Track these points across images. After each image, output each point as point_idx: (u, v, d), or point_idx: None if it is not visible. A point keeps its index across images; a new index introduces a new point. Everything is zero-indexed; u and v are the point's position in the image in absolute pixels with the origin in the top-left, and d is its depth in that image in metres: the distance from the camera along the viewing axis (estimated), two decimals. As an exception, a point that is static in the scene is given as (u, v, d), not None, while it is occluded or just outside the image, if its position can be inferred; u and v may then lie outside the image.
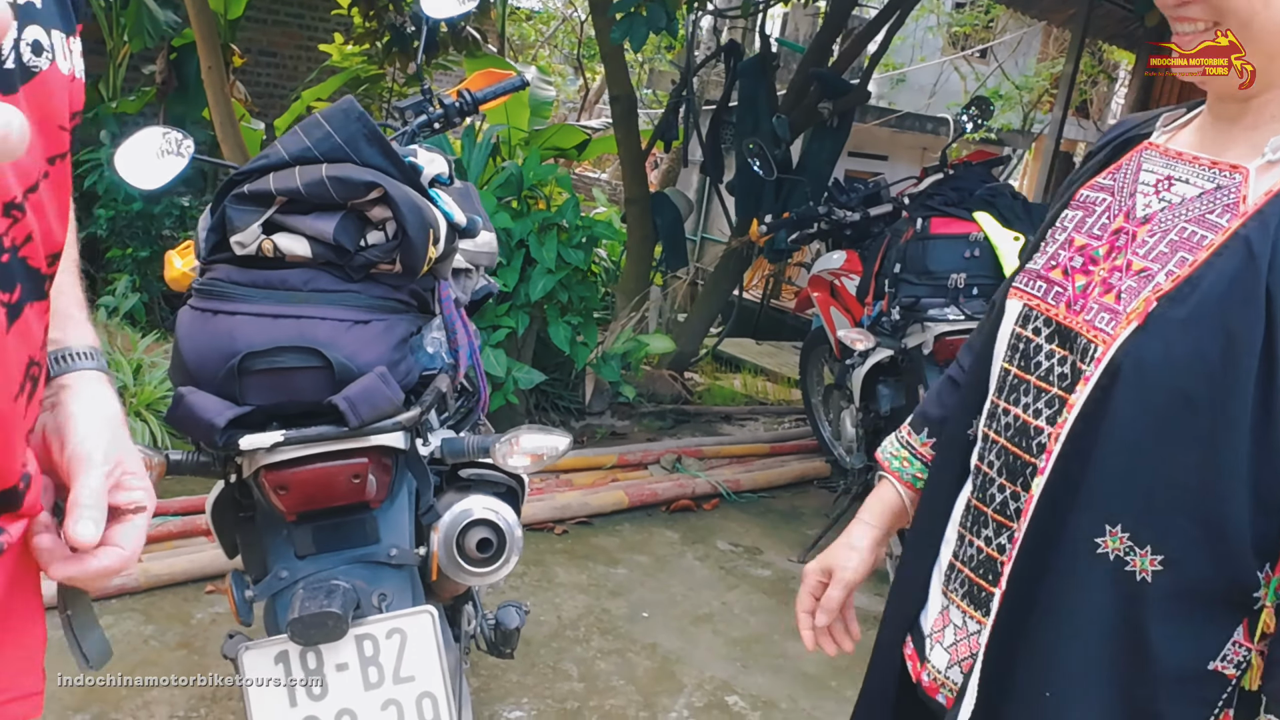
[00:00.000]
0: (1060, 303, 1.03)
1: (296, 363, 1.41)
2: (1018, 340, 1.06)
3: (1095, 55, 14.23)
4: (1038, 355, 1.04)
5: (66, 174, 0.88)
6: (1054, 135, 9.30)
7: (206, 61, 5.47)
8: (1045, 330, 1.03)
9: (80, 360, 0.93)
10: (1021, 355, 1.05)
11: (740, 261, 5.99)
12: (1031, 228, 2.99)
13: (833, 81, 5.55)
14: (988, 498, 1.08)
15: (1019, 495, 1.03)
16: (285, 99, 8.34)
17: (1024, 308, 1.07)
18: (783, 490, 4.51)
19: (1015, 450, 1.04)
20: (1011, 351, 1.07)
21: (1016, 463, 1.04)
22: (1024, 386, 1.04)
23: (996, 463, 1.07)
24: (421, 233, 1.44)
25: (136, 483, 0.87)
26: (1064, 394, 1.00)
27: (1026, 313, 1.06)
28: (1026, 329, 1.06)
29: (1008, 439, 1.05)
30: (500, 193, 4.42)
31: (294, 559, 1.53)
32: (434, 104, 2.29)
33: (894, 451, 1.36)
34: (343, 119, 1.47)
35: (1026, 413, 1.04)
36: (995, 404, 1.09)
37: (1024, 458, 1.03)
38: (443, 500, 1.65)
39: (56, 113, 0.83)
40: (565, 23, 14.39)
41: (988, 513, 1.08)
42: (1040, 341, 1.04)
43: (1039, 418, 1.02)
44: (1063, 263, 1.06)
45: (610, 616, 3.23)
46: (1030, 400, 1.04)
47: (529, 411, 4.72)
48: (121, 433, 0.91)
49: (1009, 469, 1.05)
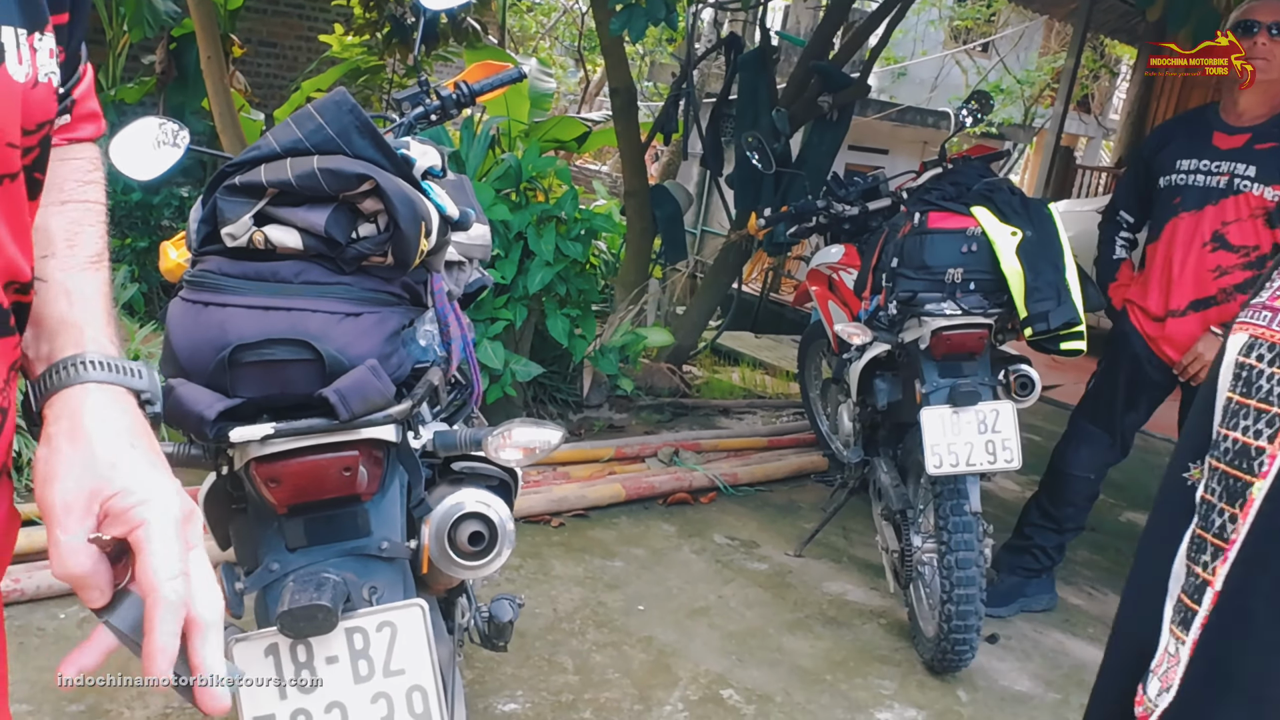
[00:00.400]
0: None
1: (287, 355, 1.40)
2: (1240, 369, 1.09)
3: (1097, 50, 14.20)
4: (1259, 380, 1.06)
5: (18, 195, 0.78)
6: (1055, 130, 9.32)
7: (206, 51, 5.46)
8: (1269, 355, 1.06)
9: (62, 376, 0.83)
10: (1244, 382, 1.08)
11: (739, 255, 5.98)
12: (1029, 223, 2.98)
13: (833, 75, 5.54)
14: (1208, 524, 1.10)
15: (1236, 517, 1.05)
16: (285, 89, 8.35)
17: (1249, 338, 1.09)
18: (780, 484, 4.51)
19: (1235, 473, 1.06)
20: (1235, 380, 1.09)
21: (1236, 484, 1.06)
22: (1244, 411, 1.07)
23: (1218, 489, 1.09)
24: (413, 225, 1.44)
25: (126, 508, 0.75)
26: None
27: (1251, 342, 1.08)
28: (1250, 357, 1.08)
29: (1227, 464, 1.08)
30: (499, 184, 4.41)
31: (285, 551, 1.52)
32: (431, 96, 2.29)
33: None
34: (335, 111, 1.47)
35: (1246, 435, 1.06)
36: (1219, 433, 1.11)
37: (1243, 478, 1.05)
38: (435, 493, 1.65)
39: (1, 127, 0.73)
40: (566, 14, 14.37)
41: (1207, 538, 1.10)
42: (1263, 367, 1.06)
43: (1259, 438, 1.04)
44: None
45: (606, 609, 3.24)
46: (1250, 423, 1.06)
47: (526, 404, 4.72)
48: (100, 453, 0.79)
49: (1229, 492, 1.07)
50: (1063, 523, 3.50)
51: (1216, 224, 3.11)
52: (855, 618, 3.39)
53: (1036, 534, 3.55)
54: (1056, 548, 3.55)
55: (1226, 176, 3.09)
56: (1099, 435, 3.42)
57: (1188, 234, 3.17)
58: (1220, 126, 3.15)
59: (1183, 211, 3.18)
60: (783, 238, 4.34)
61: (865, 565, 3.76)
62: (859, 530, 4.00)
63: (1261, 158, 3.04)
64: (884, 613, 3.43)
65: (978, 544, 2.89)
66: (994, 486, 4.70)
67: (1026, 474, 4.75)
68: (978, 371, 2.99)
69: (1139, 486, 4.96)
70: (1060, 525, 3.51)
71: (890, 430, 3.36)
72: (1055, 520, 3.51)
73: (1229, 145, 3.11)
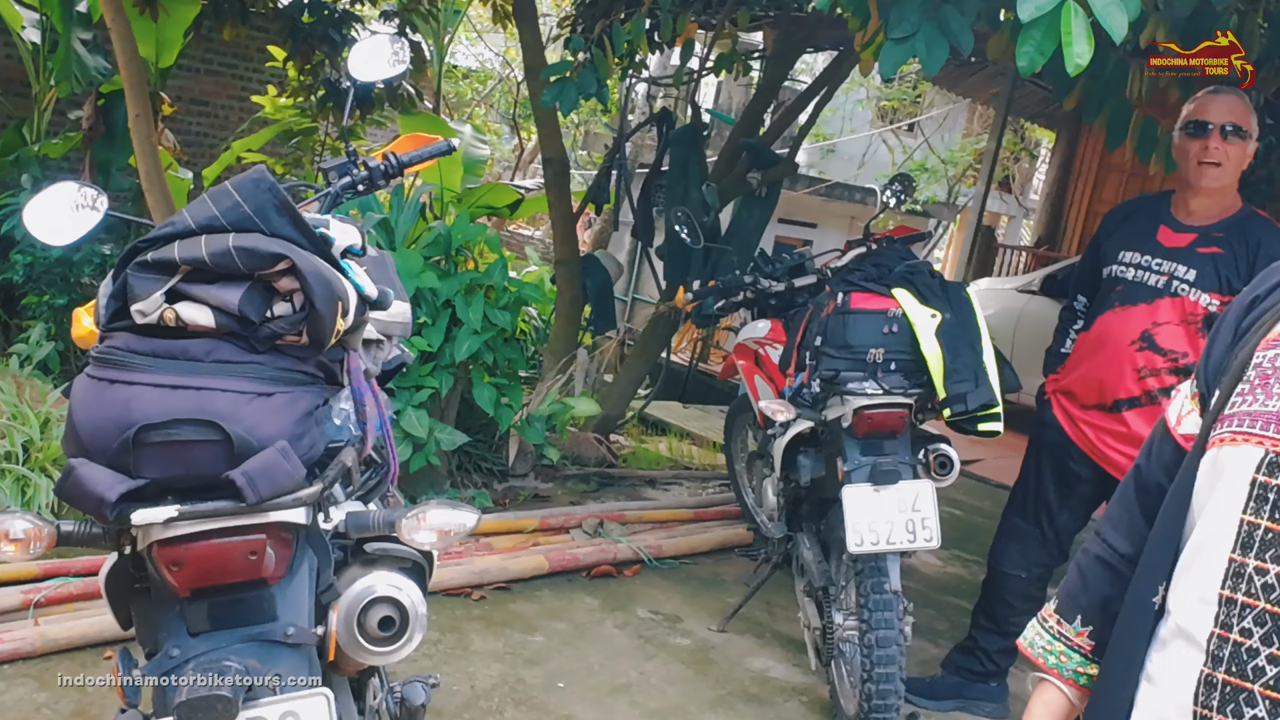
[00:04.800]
0: None
1: (194, 435, 1.37)
2: (1265, 490, 0.98)
3: (1018, 133, 14.69)
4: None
5: None
6: (977, 209, 9.57)
7: (134, 109, 5.40)
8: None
9: None
10: (1274, 506, 0.97)
11: (668, 325, 6.02)
12: (948, 305, 3.04)
13: (762, 152, 5.65)
14: (1250, 671, 0.96)
15: None
16: (216, 149, 8.28)
17: (1267, 454, 0.98)
18: (705, 557, 4.50)
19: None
20: (1258, 503, 0.98)
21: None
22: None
23: (1258, 630, 0.96)
24: (329, 305, 1.42)
25: None
26: None
27: (1275, 460, 0.98)
28: (1275, 478, 0.97)
29: (1272, 602, 0.95)
30: (428, 252, 4.40)
31: (186, 636, 1.48)
32: (359, 166, 2.28)
33: (1046, 645, 1.26)
34: (252, 188, 1.45)
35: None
36: (1240, 563, 0.98)
37: None
38: (346, 575, 1.61)
39: None
40: (502, 82, 14.49)
41: (1253, 689, 0.96)
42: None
43: None
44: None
45: (526, 686, 3.18)
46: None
47: (451, 473, 4.67)
48: None
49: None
50: (1002, 624, 3.36)
51: (1147, 323, 3.02)
52: (777, 695, 3.38)
53: (981, 636, 3.42)
54: (1001, 652, 3.38)
55: (1166, 277, 3.00)
56: (1027, 531, 3.32)
57: (1119, 329, 3.08)
58: (1169, 222, 3.05)
59: (1118, 305, 3.09)
60: (710, 311, 4.38)
61: (788, 641, 3.74)
62: (783, 605, 4.00)
63: (1202, 262, 2.94)
64: (806, 690, 3.42)
65: (898, 622, 2.90)
66: (916, 562, 4.73)
67: (948, 549, 4.80)
68: (899, 450, 3.03)
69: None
70: (1001, 627, 3.36)
71: (813, 506, 3.38)
72: (995, 621, 3.38)
73: (1173, 244, 3.01)
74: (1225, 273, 2.93)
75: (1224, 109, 2.88)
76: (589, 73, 4.30)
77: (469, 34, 13.87)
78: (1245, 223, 2.96)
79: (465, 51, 14.66)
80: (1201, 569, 1.03)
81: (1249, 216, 2.98)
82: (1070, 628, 1.24)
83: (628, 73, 5.76)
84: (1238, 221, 2.97)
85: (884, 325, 3.03)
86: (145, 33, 6.37)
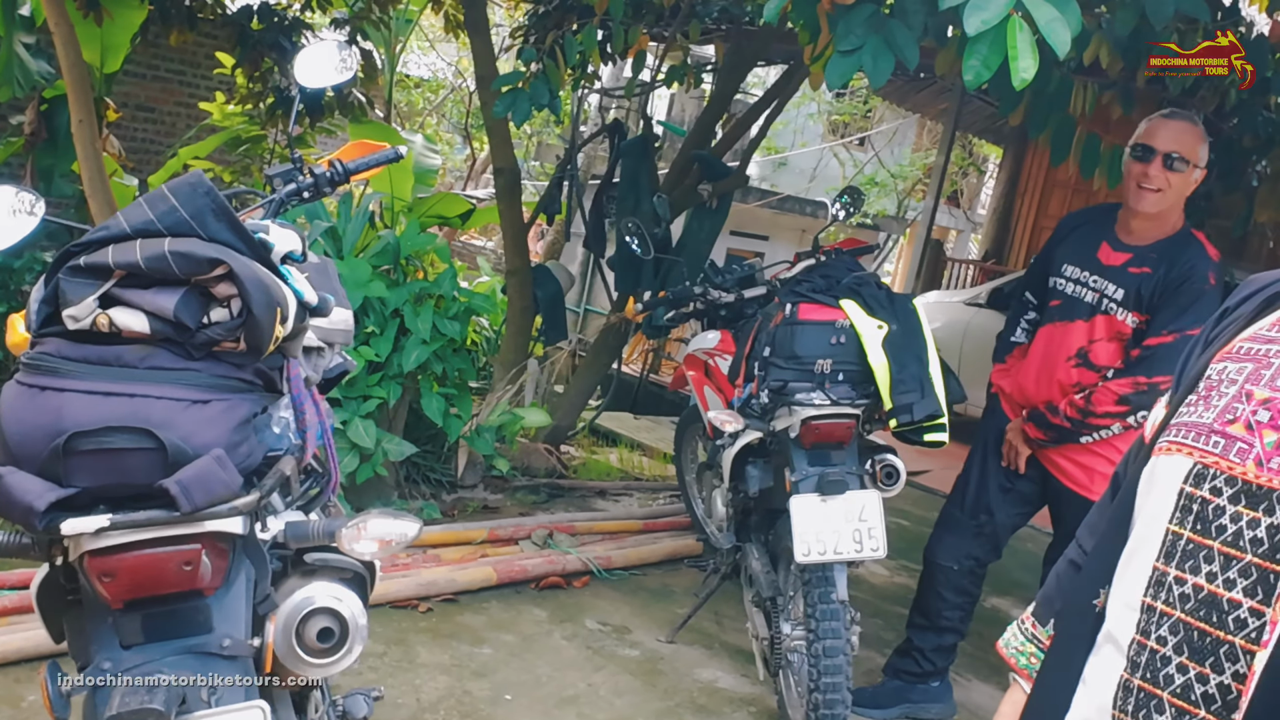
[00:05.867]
0: (1246, 460, 0.95)
1: (127, 443, 1.35)
2: (1190, 501, 0.97)
3: (966, 148, 14.90)
4: (1220, 518, 0.95)
5: None
6: (926, 223, 9.69)
7: (78, 115, 5.32)
8: (1228, 490, 0.95)
9: None
10: (1197, 518, 0.96)
11: (619, 336, 6.02)
12: (895, 317, 3.07)
13: (713, 164, 5.68)
14: (1161, 679, 0.96)
15: (1207, 678, 0.93)
16: (162, 155, 8.17)
17: (1195, 465, 0.98)
18: (654, 568, 4.49)
19: (1202, 625, 0.94)
20: (1183, 514, 0.98)
21: (1205, 640, 0.94)
22: (1204, 553, 0.95)
23: (1172, 639, 0.96)
24: (267, 311, 1.40)
25: None
26: (1266, 562, 0.91)
27: (1200, 471, 0.97)
28: (1202, 489, 0.97)
29: (1186, 611, 0.95)
30: (376, 261, 4.36)
31: (119, 649, 1.44)
32: (304, 173, 2.25)
33: (1019, 646, 1.26)
34: (190, 192, 1.43)
35: (1213, 583, 0.94)
36: (1162, 571, 0.98)
37: (1215, 634, 0.93)
38: (285, 586, 1.59)
39: None
40: (454, 92, 14.44)
41: (1162, 696, 0.96)
42: (1222, 503, 0.95)
43: (1232, 589, 0.92)
44: (1243, 416, 0.97)
45: (472, 699, 3.15)
46: (1216, 569, 0.94)
47: (399, 484, 4.62)
48: None
49: (1192, 647, 0.94)
50: (935, 619, 3.39)
51: (1084, 340, 3.06)
52: (725, 705, 3.37)
53: (915, 635, 3.45)
54: (936, 650, 3.41)
55: (1098, 294, 3.03)
56: (964, 522, 3.35)
57: (1056, 343, 3.12)
58: (1110, 239, 3.06)
59: (1058, 319, 3.13)
60: (661, 321, 4.39)
61: (737, 651, 3.75)
62: (732, 616, 4.00)
63: (1130, 281, 2.97)
64: (754, 700, 3.42)
65: (845, 632, 2.91)
66: (864, 572, 4.76)
67: (895, 559, 4.84)
68: (846, 460, 3.05)
69: (1003, 572, 5.08)
70: (934, 623, 3.40)
71: (762, 516, 3.39)
72: (928, 617, 3.41)
73: (1110, 261, 3.03)
74: (1147, 293, 2.95)
75: (1171, 137, 2.88)
76: (541, 83, 4.29)
77: (421, 43, 13.82)
78: (1179, 245, 2.97)
79: (418, 61, 14.61)
80: (1131, 576, 1.03)
81: (1185, 239, 2.99)
82: (1043, 630, 1.24)
83: (580, 84, 5.77)
84: (1172, 243, 2.98)
85: (831, 336, 3.05)
86: (90, 37, 6.27)
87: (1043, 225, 10.16)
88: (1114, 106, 3.93)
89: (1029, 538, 3.69)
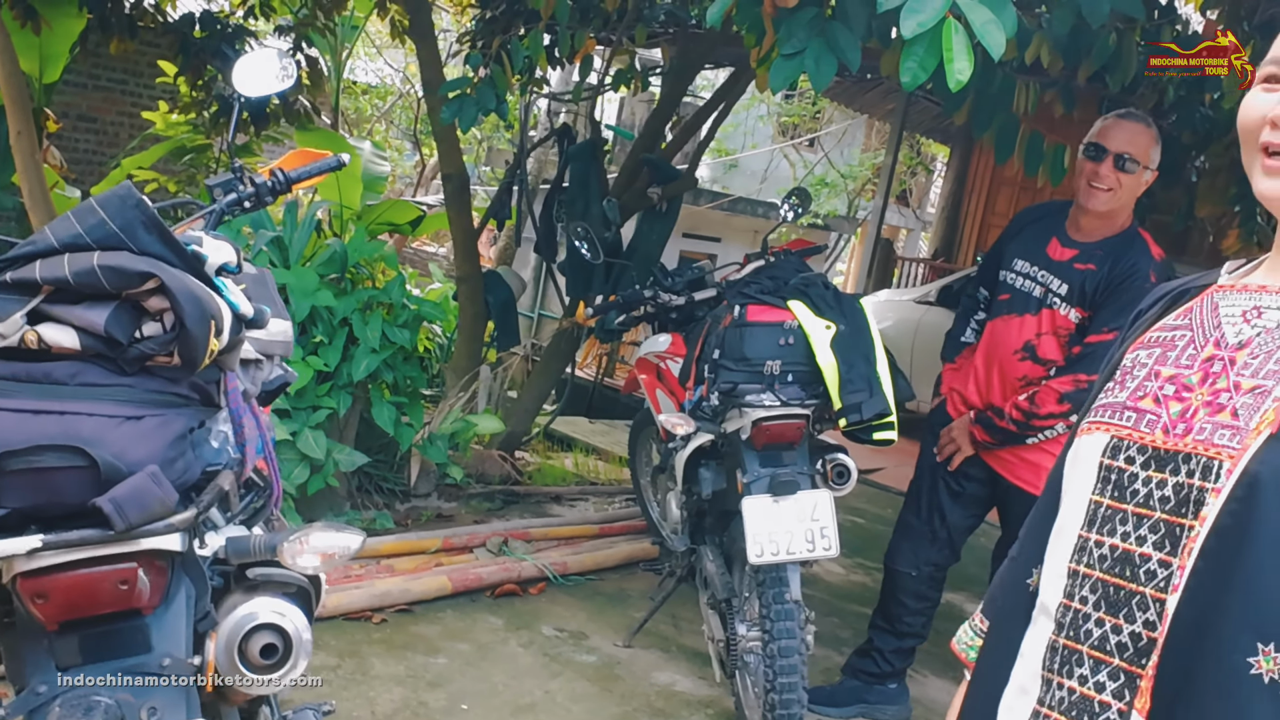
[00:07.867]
0: (1155, 429, 1.03)
1: (58, 462, 1.32)
2: (1108, 472, 1.06)
3: (914, 148, 15.04)
4: (1133, 484, 1.03)
5: None
6: (876, 222, 9.78)
7: (15, 126, 5.23)
8: (1140, 458, 1.03)
9: None
10: (1115, 486, 1.04)
11: (572, 341, 6.00)
12: (842, 317, 3.09)
13: (662, 167, 5.68)
14: (1081, 635, 1.04)
15: (1121, 628, 1.01)
16: (105, 166, 8.05)
17: (1111, 439, 1.07)
18: (610, 572, 4.48)
19: (1117, 581, 1.02)
20: (1102, 484, 1.06)
21: (1120, 594, 1.01)
22: (1119, 516, 1.03)
23: (1091, 597, 1.04)
24: (201, 324, 1.38)
25: None
26: (1173, 517, 0.98)
27: (1115, 444, 1.06)
28: (1117, 460, 1.05)
29: (1104, 570, 1.03)
30: (323, 269, 4.32)
31: (54, 671, 1.41)
32: (245, 182, 2.22)
33: (969, 641, 1.31)
34: (119, 205, 1.40)
35: (1127, 542, 1.02)
36: (1085, 538, 1.06)
37: (1129, 587, 1.01)
38: (227, 602, 1.56)
39: None
40: (403, 98, 14.35)
41: (1082, 650, 1.04)
42: (1135, 470, 1.03)
43: (1143, 544, 1.00)
44: (1151, 392, 1.06)
45: (428, 710, 3.13)
46: (1130, 529, 1.02)
47: (350, 494, 4.58)
48: None
49: (1109, 601, 1.02)
50: (896, 624, 3.42)
51: (1030, 334, 3.09)
52: (683, 708, 3.37)
53: (876, 636, 3.47)
54: (895, 652, 3.44)
55: (1044, 289, 3.07)
56: (920, 529, 3.38)
57: (1004, 338, 3.16)
58: (1060, 235, 3.10)
59: (1006, 313, 3.16)
60: (612, 325, 4.38)
61: (694, 654, 3.75)
62: (688, 619, 4.00)
63: (1075, 277, 3.01)
64: (711, 703, 3.42)
65: (799, 632, 2.92)
66: (820, 571, 4.78)
67: (850, 557, 4.87)
68: (797, 461, 3.06)
69: (958, 568, 5.12)
70: (894, 627, 3.42)
71: (716, 518, 3.39)
72: (889, 621, 3.44)
73: (1058, 257, 3.07)
74: (1091, 289, 2.99)
75: (1123, 138, 2.92)
76: (488, 89, 4.27)
77: (368, 50, 13.71)
78: (1123, 243, 3.01)
79: (365, 67, 14.50)
80: (1060, 547, 1.10)
81: (1130, 238, 3.03)
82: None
83: (528, 88, 5.74)
84: (1118, 242, 3.01)
85: (780, 337, 3.06)
86: (27, 46, 6.17)
87: (990, 223, 10.28)
88: (1056, 105, 3.98)
89: (985, 533, 3.72)
